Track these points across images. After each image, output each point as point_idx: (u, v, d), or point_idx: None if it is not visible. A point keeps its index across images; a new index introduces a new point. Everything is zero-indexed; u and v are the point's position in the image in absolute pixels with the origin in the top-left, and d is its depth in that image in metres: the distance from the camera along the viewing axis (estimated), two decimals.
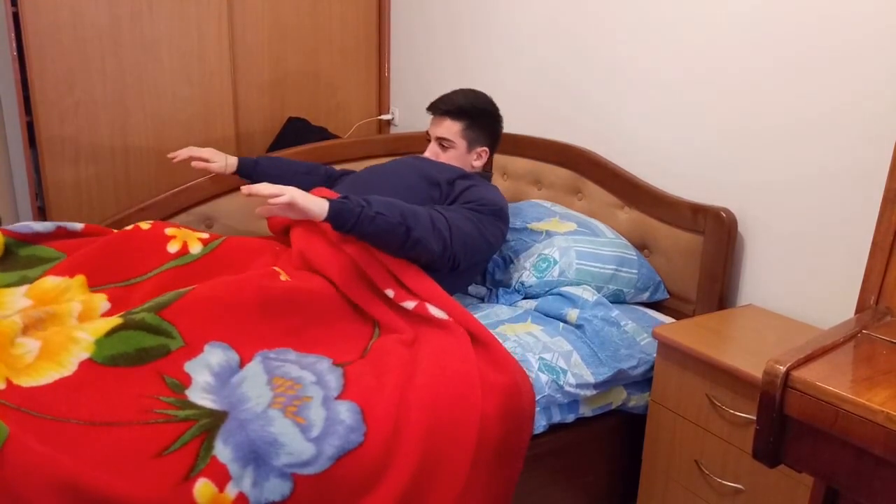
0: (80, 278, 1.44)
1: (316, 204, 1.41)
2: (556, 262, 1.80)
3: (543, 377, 1.51)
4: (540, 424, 1.54)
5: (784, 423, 0.92)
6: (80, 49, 2.46)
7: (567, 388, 1.53)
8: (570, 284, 1.79)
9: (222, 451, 1.13)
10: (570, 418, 1.60)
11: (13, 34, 2.34)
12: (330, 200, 1.43)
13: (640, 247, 1.97)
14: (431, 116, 1.91)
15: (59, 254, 1.49)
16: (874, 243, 1.06)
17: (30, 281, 1.41)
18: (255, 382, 1.28)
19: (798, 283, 1.64)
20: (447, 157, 1.87)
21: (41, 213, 2.56)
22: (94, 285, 1.46)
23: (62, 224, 1.54)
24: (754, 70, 1.68)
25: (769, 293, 1.70)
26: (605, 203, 2.08)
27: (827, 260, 1.57)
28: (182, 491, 1.08)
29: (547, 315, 1.74)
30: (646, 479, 1.64)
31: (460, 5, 2.67)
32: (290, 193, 1.38)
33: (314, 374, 1.33)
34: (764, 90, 1.67)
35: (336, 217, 1.44)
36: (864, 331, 1.02)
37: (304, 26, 2.94)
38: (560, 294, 1.77)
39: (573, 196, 2.19)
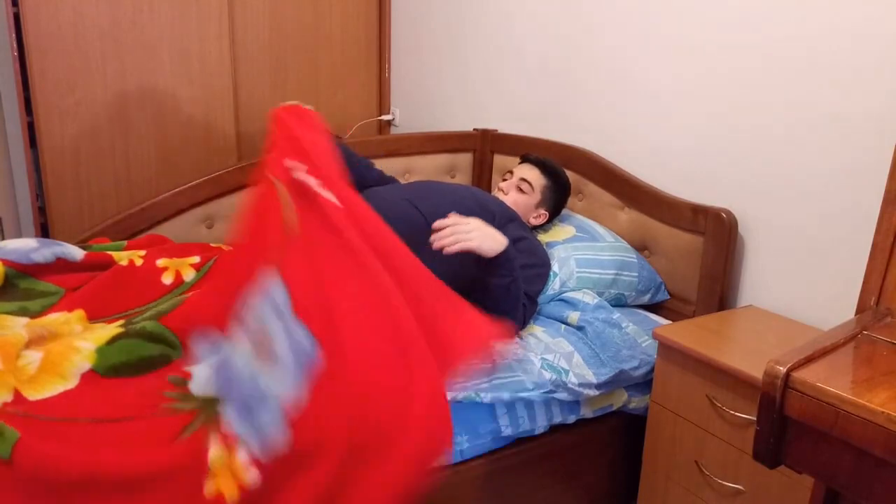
0: (79, 312, 1.46)
1: (496, 241, 1.48)
2: (555, 275, 1.79)
3: (546, 375, 1.51)
4: (541, 425, 1.54)
5: (784, 424, 0.92)
6: (81, 49, 2.46)
7: (570, 387, 1.53)
8: (572, 291, 1.79)
9: (228, 425, 1.14)
10: (571, 419, 1.60)
11: (14, 34, 2.34)
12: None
13: (641, 247, 1.97)
14: (521, 163, 2.03)
15: (57, 289, 1.49)
16: (874, 244, 1.06)
17: (30, 314, 1.42)
18: (242, 360, 1.28)
19: (798, 284, 1.64)
20: (513, 199, 1.93)
21: (41, 213, 2.56)
22: (92, 318, 1.47)
23: (62, 254, 1.53)
24: (755, 70, 1.68)
25: (769, 294, 1.70)
26: (605, 204, 2.08)
27: (827, 261, 1.57)
28: (197, 454, 1.10)
29: (548, 318, 1.74)
30: (646, 479, 1.64)
31: (460, 6, 2.67)
32: (477, 240, 1.44)
33: (267, 300, 1.32)
34: (764, 90, 1.67)
35: (504, 254, 1.49)
36: (864, 332, 1.01)
37: (304, 26, 2.94)
38: (561, 299, 1.77)
39: (574, 196, 2.19)
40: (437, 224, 1.48)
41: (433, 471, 1.27)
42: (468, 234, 1.45)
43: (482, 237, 1.46)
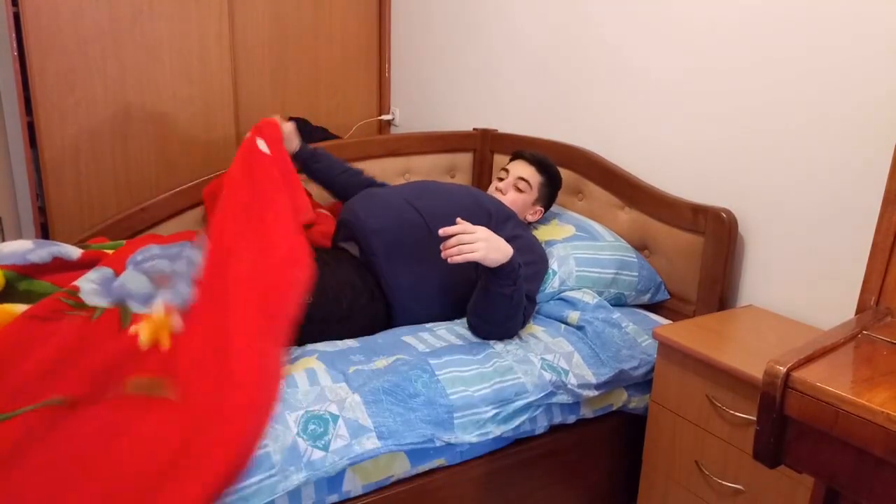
0: None
1: (502, 252, 1.47)
2: (555, 273, 1.79)
3: (547, 375, 1.51)
4: (541, 425, 1.54)
5: (784, 423, 0.92)
6: (81, 49, 2.46)
7: (570, 387, 1.53)
8: (571, 290, 1.79)
9: (136, 307, 1.39)
10: (571, 419, 1.60)
11: (14, 34, 2.34)
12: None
13: (641, 247, 1.97)
14: (514, 160, 2.02)
15: (55, 289, 1.50)
16: (874, 244, 1.06)
17: None
18: (136, 283, 1.47)
19: (798, 284, 1.64)
20: (511, 199, 1.93)
21: (41, 213, 2.56)
22: None
23: (58, 254, 1.55)
24: (755, 70, 1.68)
25: (769, 294, 1.70)
26: (605, 203, 2.08)
27: (827, 261, 1.57)
28: (125, 335, 1.32)
29: (548, 317, 1.74)
30: (646, 479, 1.64)
31: (460, 5, 2.67)
32: (482, 251, 1.43)
33: (181, 259, 1.54)
34: (765, 90, 1.67)
35: (508, 264, 1.48)
36: (864, 331, 1.01)
37: (305, 26, 2.94)
38: (561, 298, 1.77)
39: (574, 196, 2.19)
40: (444, 231, 1.47)
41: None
42: (473, 244, 1.44)
43: (487, 249, 1.45)
